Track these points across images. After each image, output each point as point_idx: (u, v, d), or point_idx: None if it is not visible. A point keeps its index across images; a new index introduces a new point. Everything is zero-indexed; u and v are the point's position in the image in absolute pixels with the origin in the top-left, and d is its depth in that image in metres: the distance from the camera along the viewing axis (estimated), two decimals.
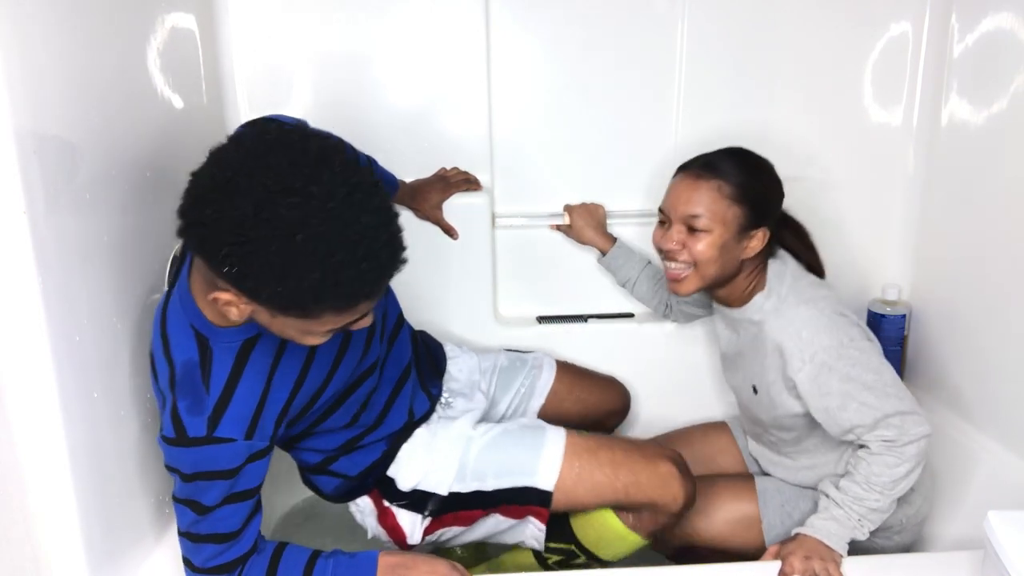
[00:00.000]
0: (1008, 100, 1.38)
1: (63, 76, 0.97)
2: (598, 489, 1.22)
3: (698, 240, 1.22)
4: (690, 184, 1.24)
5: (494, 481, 1.22)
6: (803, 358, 1.19)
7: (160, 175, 1.26)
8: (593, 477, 1.22)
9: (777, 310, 1.24)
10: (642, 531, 1.27)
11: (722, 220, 1.21)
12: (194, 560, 1.06)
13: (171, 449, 0.99)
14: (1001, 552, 0.97)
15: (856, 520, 1.17)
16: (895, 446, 1.17)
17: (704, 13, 1.62)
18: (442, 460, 1.25)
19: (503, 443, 1.26)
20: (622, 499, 1.23)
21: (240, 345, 1.01)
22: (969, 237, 1.51)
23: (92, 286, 1.03)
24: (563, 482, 1.22)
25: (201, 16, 1.46)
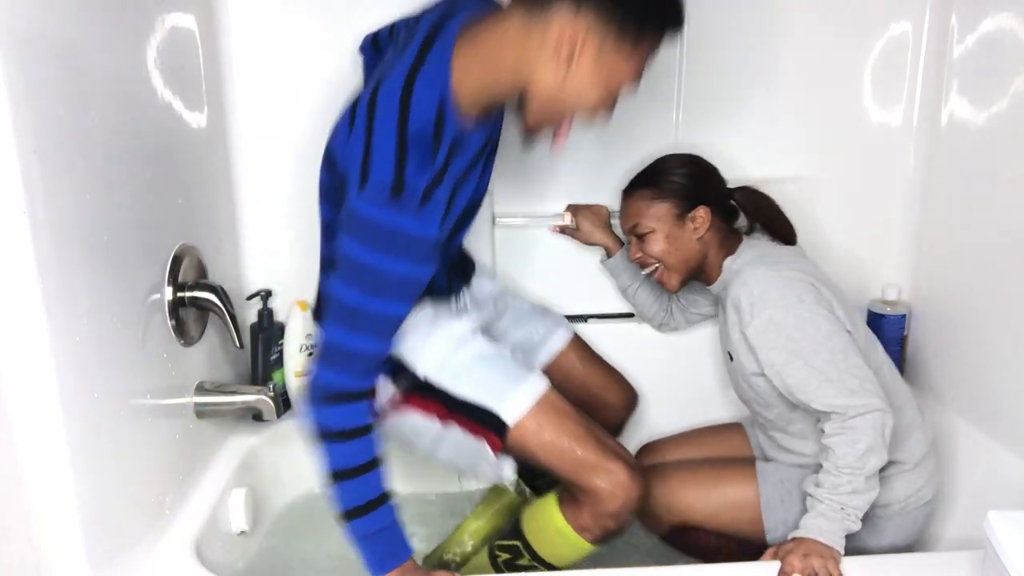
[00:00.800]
0: (1008, 100, 1.38)
1: (63, 76, 0.97)
2: (549, 449, 1.21)
3: (648, 242, 1.40)
4: (625, 205, 1.45)
5: (465, 389, 1.21)
6: (752, 312, 1.26)
7: (160, 175, 1.26)
8: (551, 437, 1.21)
9: (739, 272, 1.33)
10: (585, 533, 1.24)
11: (656, 218, 1.39)
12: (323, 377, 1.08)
13: (376, 209, 0.99)
14: (1001, 552, 0.97)
15: (839, 510, 1.17)
16: (845, 420, 1.18)
17: (704, 13, 1.62)
18: (431, 346, 1.24)
19: (490, 361, 1.26)
20: (568, 472, 1.22)
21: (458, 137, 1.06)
22: (969, 237, 1.51)
23: (92, 286, 1.03)
24: (523, 425, 1.20)
25: (201, 16, 1.46)
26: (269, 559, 1.50)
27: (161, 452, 1.24)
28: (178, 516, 1.27)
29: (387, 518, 1.13)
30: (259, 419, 1.57)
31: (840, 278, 1.75)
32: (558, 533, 1.26)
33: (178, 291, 1.29)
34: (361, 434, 1.11)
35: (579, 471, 1.21)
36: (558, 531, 1.26)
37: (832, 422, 1.20)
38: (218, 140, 1.56)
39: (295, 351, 1.67)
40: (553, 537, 1.27)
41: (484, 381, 1.23)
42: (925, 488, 1.33)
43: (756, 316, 1.26)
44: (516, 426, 1.20)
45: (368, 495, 1.12)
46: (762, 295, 1.26)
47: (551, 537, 1.28)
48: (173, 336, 1.28)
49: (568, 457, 1.21)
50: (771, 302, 1.25)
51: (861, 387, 1.19)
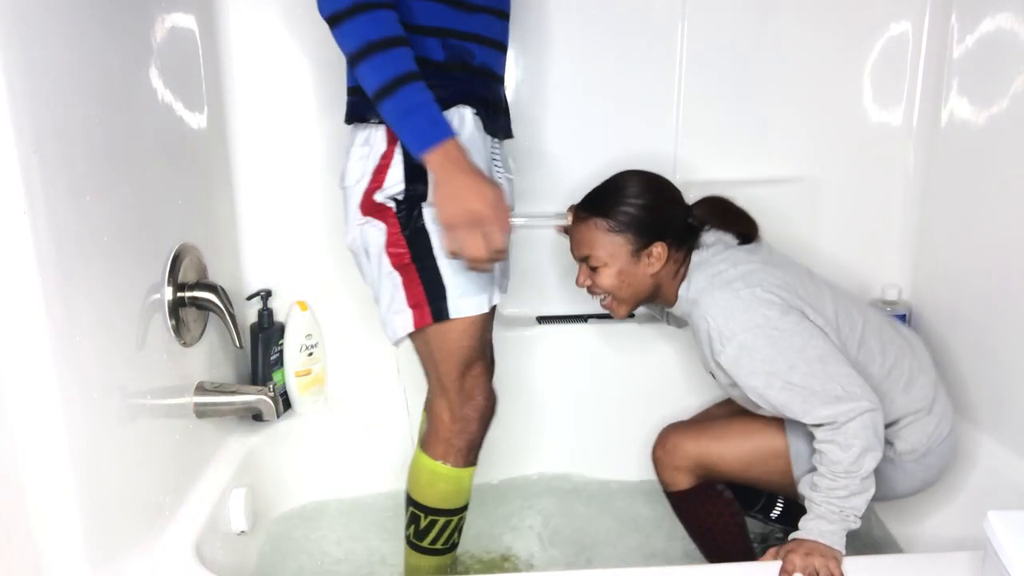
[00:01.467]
0: (1008, 100, 1.39)
1: (63, 76, 0.97)
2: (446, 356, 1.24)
3: (599, 275, 1.33)
4: (577, 229, 1.34)
5: (443, 259, 1.19)
6: (722, 343, 1.23)
7: (160, 175, 1.26)
8: (457, 348, 1.23)
9: (696, 300, 1.29)
10: (449, 459, 1.27)
11: (610, 253, 1.31)
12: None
13: None
14: (1001, 552, 0.97)
15: (839, 512, 1.16)
16: (836, 429, 1.17)
17: (704, 13, 1.62)
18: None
19: None
20: (440, 384, 1.26)
21: None
22: (969, 237, 1.51)
23: (92, 286, 1.03)
24: (454, 326, 1.21)
25: (201, 16, 1.46)
26: (269, 559, 1.51)
27: (161, 452, 1.24)
28: (178, 516, 1.27)
29: (423, 93, 1.09)
30: (259, 419, 1.58)
31: (840, 278, 1.75)
32: (431, 473, 1.29)
33: (178, 291, 1.29)
34: (380, 6, 1.07)
35: (449, 391, 1.25)
36: (430, 471, 1.29)
37: (823, 430, 1.19)
38: (218, 140, 1.56)
39: (295, 351, 1.67)
40: (429, 479, 1.29)
41: (462, 267, 1.19)
42: (942, 424, 1.32)
43: (726, 346, 1.23)
44: (450, 323, 1.20)
45: (400, 68, 1.08)
46: (726, 323, 1.23)
47: (428, 480, 1.30)
48: (173, 336, 1.28)
49: (452, 373, 1.24)
50: (737, 329, 1.22)
51: (846, 391, 1.18)
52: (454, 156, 1.10)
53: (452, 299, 1.20)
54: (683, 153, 1.70)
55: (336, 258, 1.68)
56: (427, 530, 1.32)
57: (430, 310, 1.20)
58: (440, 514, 1.31)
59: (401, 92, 1.09)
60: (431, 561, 1.35)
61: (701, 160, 1.70)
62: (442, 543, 1.34)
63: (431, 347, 1.25)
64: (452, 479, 1.29)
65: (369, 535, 1.62)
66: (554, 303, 1.76)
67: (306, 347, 1.68)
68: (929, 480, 1.34)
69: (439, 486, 1.29)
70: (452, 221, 1.11)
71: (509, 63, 1.63)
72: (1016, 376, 1.37)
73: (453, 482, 1.29)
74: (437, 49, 1.17)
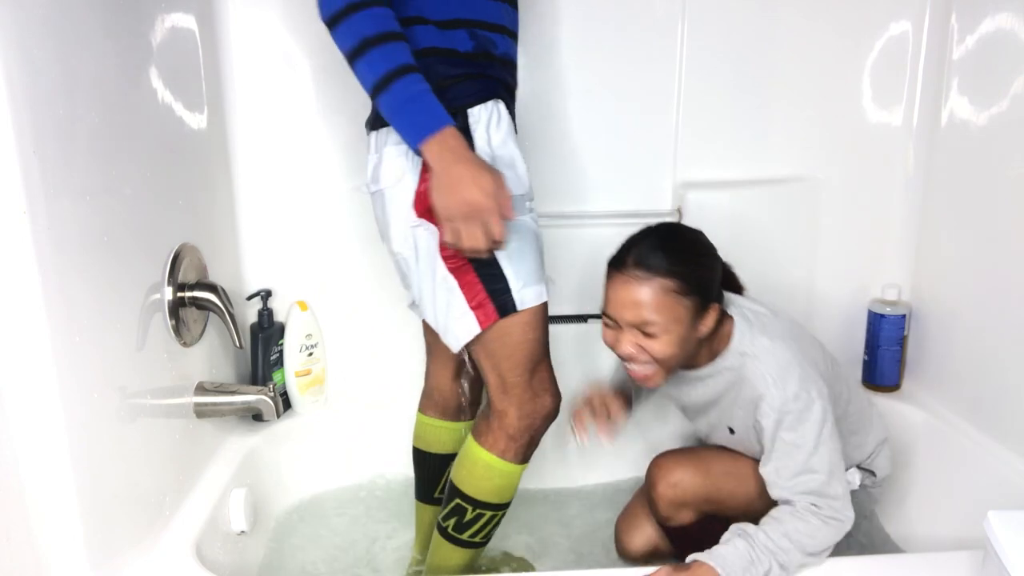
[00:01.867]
0: (1008, 100, 1.39)
1: (63, 76, 0.97)
2: (515, 350, 1.21)
3: (655, 342, 1.15)
4: (632, 289, 1.14)
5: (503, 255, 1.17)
6: (772, 405, 1.16)
7: (160, 175, 1.26)
8: (525, 340, 1.21)
9: (750, 355, 1.20)
10: (507, 455, 1.25)
11: (675, 319, 1.14)
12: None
13: None
14: (1001, 552, 0.97)
15: (750, 562, 1.08)
16: (820, 513, 1.13)
17: (704, 13, 1.62)
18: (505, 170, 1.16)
19: (535, 244, 1.22)
20: (506, 379, 1.23)
21: None
22: (969, 237, 1.51)
23: (92, 286, 1.03)
24: (522, 317, 1.19)
25: (201, 16, 1.46)
26: (269, 559, 1.51)
27: (161, 452, 1.24)
28: (178, 516, 1.27)
29: (419, 84, 1.09)
30: (259, 419, 1.58)
31: (840, 278, 1.76)
32: (486, 466, 1.26)
33: (178, 291, 1.29)
34: (374, 3, 1.07)
35: (514, 387, 1.23)
36: (486, 464, 1.26)
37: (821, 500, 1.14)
38: (218, 140, 1.56)
39: (295, 351, 1.67)
40: (484, 472, 1.27)
41: (521, 256, 1.18)
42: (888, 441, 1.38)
43: (774, 410, 1.16)
44: (515, 317, 1.18)
45: (396, 61, 1.08)
46: (783, 387, 1.16)
47: (483, 474, 1.27)
48: (173, 336, 1.28)
49: (518, 369, 1.22)
50: (791, 395, 1.15)
51: (845, 498, 1.15)
52: (451, 144, 1.09)
53: (516, 291, 1.17)
54: (683, 153, 1.70)
55: (336, 258, 1.68)
56: (471, 523, 1.30)
57: (495, 306, 1.17)
58: (489, 508, 1.29)
59: (396, 85, 1.08)
60: (464, 554, 1.34)
61: (701, 160, 1.70)
62: (481, 537, 1.32)
63: (495, 346, 1.21)
64: (508, 474, 1.27)
65: (369, 535, 1.62)
66: (554, 303, 1.75)
67: (306, 347, 1.68)
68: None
69: (495, 480, 1.27)
70: (449, 212, 1.10)
71: None
72: (1016, 376, 1.37)
73: (508, 477, 1.27)
74: (465, 40, 1.16)
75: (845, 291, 1.76)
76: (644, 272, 1.14)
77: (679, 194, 1.70)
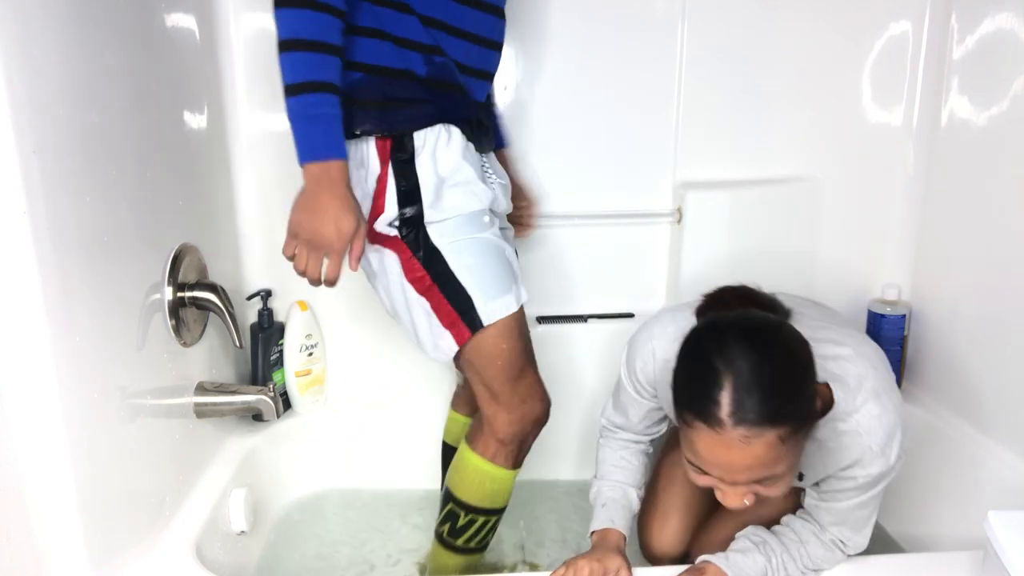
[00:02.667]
0: (1008, 100, 1.39)
1: (63, 76, 0.97)
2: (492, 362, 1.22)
3: (774, 487, 0.95)
4: (740, 453, 0.90)
5: (463, 270, 1.18)
6: (870, 473, 1.03)
7: (160, 175, 1.26)
8: (501, 352, 1.22)
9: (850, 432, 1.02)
10: (499, 459, 1.27)
11: (793, 459, 0.94)
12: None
13: None
14: (1001, 552, 0.97)
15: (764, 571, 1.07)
16: (845, 549, 1.11)
17: (704, 13, 1.62)
18: (449, 202, 1.18)
19: (497, 255, 1.21)
20: (491, 388, 1.24)
21: None
22: (969, 237, 1.51)
23: (92, 286, 1.03)
24: (490, 331, 1.20)
25: (201, 16, 1.46)
26: (269, 559, 1.51)
27: (161, 452, 1.24)
28: (178, 516, 1.27)
29: (331, 108, 1.07)
30: (259, 419, 1.58)
31: (840, 278, 1.76)
32: (476, 471, 1.28)
33: (178, 291, 1.29)
34: (328, 10, 1.05)
35: (500, 395, 1.24)
36: (476, 469, 1.28)
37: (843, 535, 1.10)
38: (218, 140, 1.56)
39: (295, 351, 1.67)
40: (474, 478, 1.29)
41: (482, 272, 1.19)
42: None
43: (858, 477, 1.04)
44: (485, 331, 1.20)
45: (319, 75, 1.06)
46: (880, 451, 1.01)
47: (474, 479, 1.29)
48: (173, 336, 1.28)
49: (500, 378, 1.23)
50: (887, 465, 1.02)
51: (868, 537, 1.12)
52: (333, 177, 1.09)
53: (480, 306, 1.19)
54: (683, 153, 1.70)
55: None
56: (464, 528, 1.31)
57: (465, 324, 1.20)
58: (481, 513, 1.31)
59: (310, 97, 1.06)
60: (460, 560, 1.35)
61: (701, 160, 1.70)
62: (476, 542, 1.33)
63: (473, 358, 1.24)
64: (499, 479, 1.29)
65: (369, 535, 1.62)
66: (554, 303, 1.76)
67: (306, 347, 1.68)
68: None
69: (486, 485, 1.29)
70: (296, 229, 1.12)
71: (508, 62, 1.63)
72: (1016, 376, 1.37)
73: (500, 482, 1.29)
74: (420, 64, 1.16)
75: (845, 291, 1.76)
76: (750, 429, 0.89)
77: (679, 194, 1.70)
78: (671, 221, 1.73)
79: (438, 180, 1.18)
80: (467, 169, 1.20)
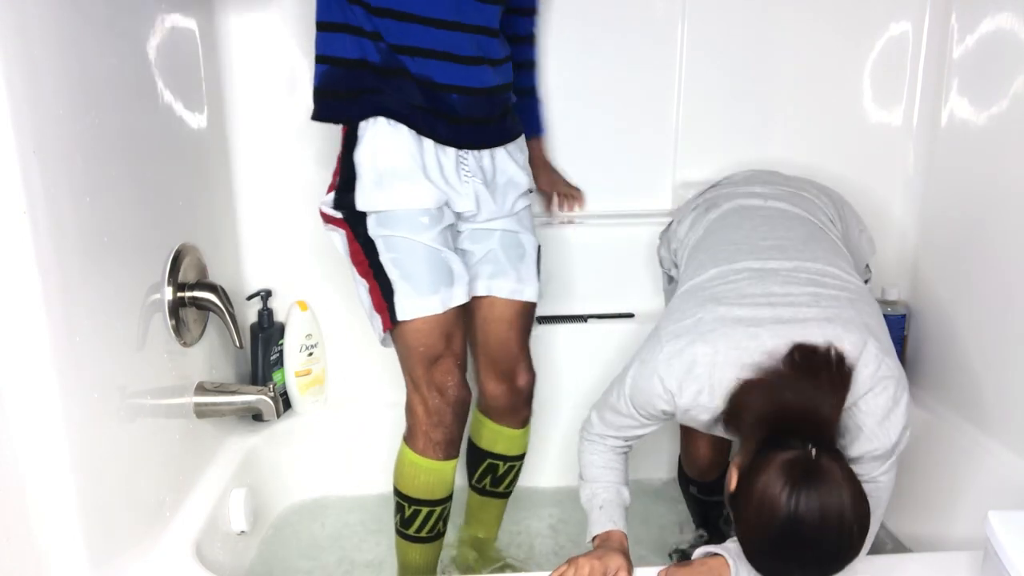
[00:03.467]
0: (1008, 100, 1.38)
1: (63, 76, 0.97)
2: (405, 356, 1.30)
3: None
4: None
5: (390, 264, 1.25)
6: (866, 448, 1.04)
7: (160, 175, 1.26)
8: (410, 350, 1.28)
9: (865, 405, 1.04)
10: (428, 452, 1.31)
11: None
12: None
13: None
14: (1001, 552, 0.97)
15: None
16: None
17: (704, 14, 1.62)
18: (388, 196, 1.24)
19: (426, 258, 1.25)
20: (407, 383, 1.32)
21: None
22: (969, 237, 1.51)
23: (92, 286, 1.03)
24: (403, 329, 1.26)
25: (201, 16, 1.46)
26: (269, 559, 1.51)
27: (161, 452, 1.24)
28: (178, 516, 1.27)
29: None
30: (259, 419, 1.58)
31: None
32: (412, 465, 1.33)
33: (178, 291, 1.29)
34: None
35: (418, 386, 1.29)
36: (411, 463, 1.33)
37: None
38: (218, 140, 1.56)
39: (295, 351, 1.67)
40: (411, 471, 1.34)
41: (408, 270, 1.24)
42: None
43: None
44: (403, 325, 1.26)
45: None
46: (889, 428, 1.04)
47: (410, 472, 1.34)
48: (173, 336, 1.28)
49: (418, 369, 1.28)
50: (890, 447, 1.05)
51: None
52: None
53: (398, 302, 1.25)
54: (683, 153, 1.70)
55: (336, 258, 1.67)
56: (411, 519, 1.36)
57: (388, 313, 1.26)
58: (423, 504, 1.35)
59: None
60: (417, 549, 1.40)
61: (701, 160, 1.70)
62: (427, 531, 1.37)
63: (397, 347, 1.31)
64: (433, 471, 1.32)
65: (369, 534, 1.62)
66: (554, 303, 1.76)
67: (306, 347, 1.68)
68: None
69: (420, 478, 1.33)
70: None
71: None
72: (1016, 376, 1.36)
73: (434, 474, 1.33)
74: (373, 52, 1.23)
75: None
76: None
77: (679, 194, 1.70)
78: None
79: (376, 174, 1.24)
80: (407, 165, 1.24)
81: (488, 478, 1.51)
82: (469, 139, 1.29)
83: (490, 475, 1.50)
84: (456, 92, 1.25)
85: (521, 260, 1.39)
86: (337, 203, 1.28)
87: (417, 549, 1.40)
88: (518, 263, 1.38)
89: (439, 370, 1.29)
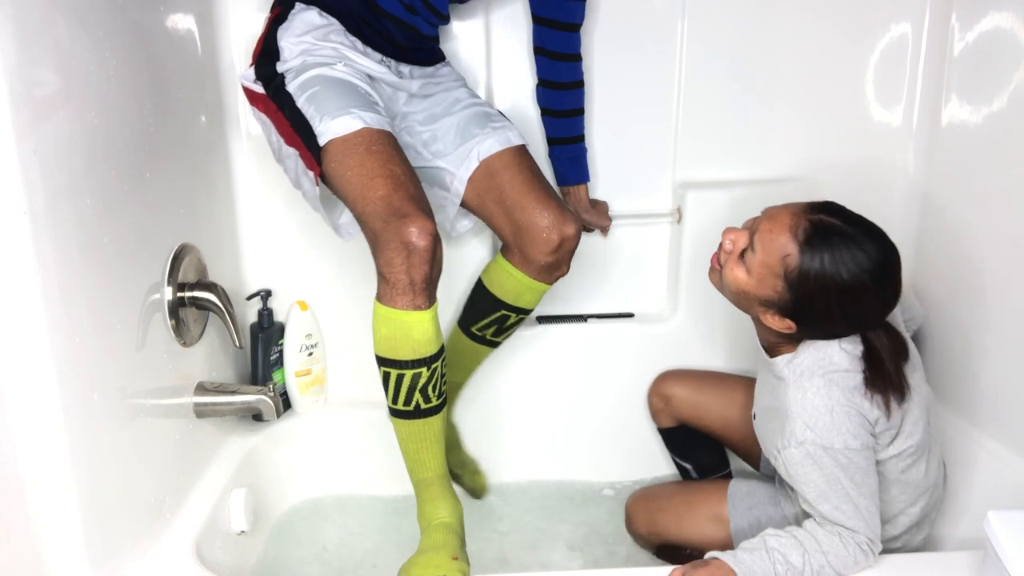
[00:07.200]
0: (1008, 100, 1.38)
1: (63, 76, 0.97)
2: (348, 188, 1.19)
3: (735, 267, 1.20)
4: (782, 223, 1.18)
5: (304, 102, 1.24)
6: (798, 439, 1.13)
7: (160, 175, 1.26)
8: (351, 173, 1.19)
9: (798, 379, 1.17)
10: (396, 302, 1.16)
11: (761, 283, 1.17)
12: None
13: None
14: (1001, 552, 0.97)
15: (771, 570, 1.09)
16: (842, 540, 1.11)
17: (704, 13, 1.62)
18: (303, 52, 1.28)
19: (339, 87, 1.25)
20: (365, 223, 1.19)
21: None
22: (969, 237, 1.51)
23: (92, 286, 1.03)
24: (329, 150, 1.20)
25: (201, 16, 1.46)
26: (269, 559, 1.51)
27: (161, 452, 1.24)
28: (178, 516, 1.27)
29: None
30: (259, 419, 1.58)
31: None
32: (384, 320, 1.19)
33: (178, 291, 1.29)
34: None
35: (371, 221, 1.17)
36: (383, 318, 1.19)
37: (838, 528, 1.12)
38: (218, 140, 1.56)
39: (295, 351, 1.67)
40: (376, 323, 1.21)
41: (321, 98, 1.23)
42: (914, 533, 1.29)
43: (796, 445, 1.13)
44: (324, 150, 1.20)
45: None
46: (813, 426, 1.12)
47: (375, 325, 1.21)
48: (173, 336, 1.28)
49: (362, 201, 1.18)
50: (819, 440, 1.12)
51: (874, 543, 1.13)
52: None
53: (316, 128, 1.21)
54: (683, 153, 1.70)
55: (336, 258, 1.68)
56: (386, 385, 1.22)
57: (311, 152, 1.22)
58: (391, 365, 1.19)
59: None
60: (402, 427, 1.24)
61: (701, 160, 1.70)
62: (403, 403, 1.20)
63: (336, 190, 1.24)
64: (404, 324, 1.16)
65: (369, 535, 1.62)
66: (554, 303, 1.76)
67: (306, 347, 1.68)
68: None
69: (381, 330, 1.18)
70: None
71: (509, 65, 1.63)
72: (1016, 376, 1.36)
73: (405, 327, 1.16)
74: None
75: None
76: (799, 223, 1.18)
77: (679, 194, 1.70)
78: (671, 221, 1.73)
79: (300, 51, 1.28)
80: (332, 54, 1.28)
81: (493, 328, 1.48)
82: (394, 53, 1.37)
83: (496, 325, 1.48)
84: (393, 22, 1.32)
85: (488, 118, 1.42)
86: (258, 73, 1.31)
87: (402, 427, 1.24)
88: (488, 122, 1.42)
89: (389, 199, 1.15)
